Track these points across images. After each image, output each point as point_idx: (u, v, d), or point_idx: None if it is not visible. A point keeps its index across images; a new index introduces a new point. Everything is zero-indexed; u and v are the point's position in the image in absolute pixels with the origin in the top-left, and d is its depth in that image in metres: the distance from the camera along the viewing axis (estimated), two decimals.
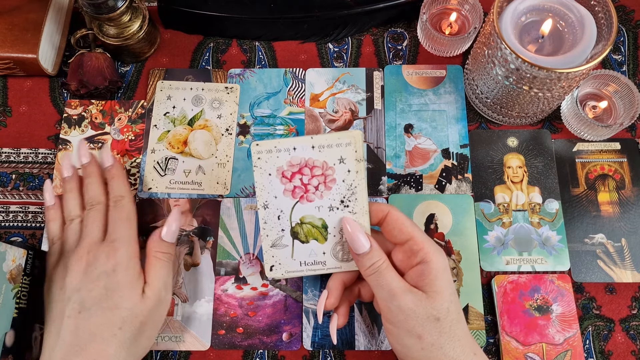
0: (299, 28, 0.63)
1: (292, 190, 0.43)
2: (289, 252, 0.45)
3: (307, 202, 0.43)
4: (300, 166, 0.43)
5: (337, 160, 0.42)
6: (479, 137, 0.59)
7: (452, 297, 0.41)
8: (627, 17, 0.64)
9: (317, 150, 0.42)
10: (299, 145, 0.42)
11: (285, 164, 0.43)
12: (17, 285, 0.51)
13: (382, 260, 0.42)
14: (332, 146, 0.42)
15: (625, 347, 0.52)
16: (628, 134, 0.59)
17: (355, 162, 0.42)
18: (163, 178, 0.57)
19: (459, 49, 0.61)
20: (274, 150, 0.42)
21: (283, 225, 0.44)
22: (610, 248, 0.54)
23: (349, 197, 0.43)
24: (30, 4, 0.60)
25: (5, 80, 0.62)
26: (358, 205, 0.43)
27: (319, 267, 0.45)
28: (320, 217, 0.44)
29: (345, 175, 0.43)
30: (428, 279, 0.40)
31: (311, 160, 0.42)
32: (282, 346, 0.52)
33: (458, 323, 0.41)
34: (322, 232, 0.44)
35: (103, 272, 0.44)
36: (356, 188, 0.43)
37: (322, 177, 0.43)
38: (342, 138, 0.42)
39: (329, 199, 0.43)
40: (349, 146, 0.42)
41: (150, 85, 0.61)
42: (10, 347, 0.48)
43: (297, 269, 0.45)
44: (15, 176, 0.58)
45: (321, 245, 0.44)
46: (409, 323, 0.40)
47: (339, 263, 0.45)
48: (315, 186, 0.43)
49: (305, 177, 0.43)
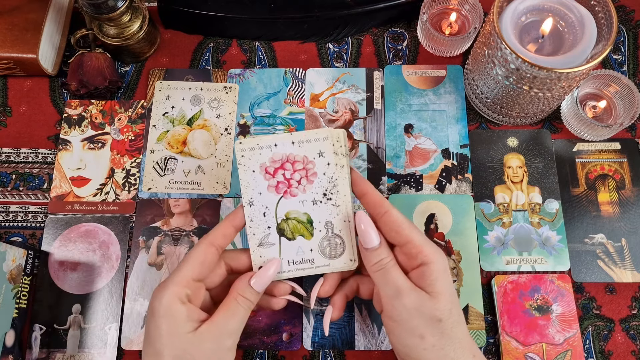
0: (299, 28, 0.63)
1: (276, 185, 0.44)
2: (277, 251, 0.45)
3: (291, 197, 0.45)
4: (282, 161, 0.44)
5: (316, 154, 0.44)
6: (479, 137, 0.59)
7: (453, 298, 0.41)
8: (627, 17, 0.64)
9: (297, 145, 0.44)
10: (280, 142, 0.44)
11: (268, 160, 0.44)
12: (17, 285, 0.51)
13: (389, 258, 0.42)
14: (310, 141, 0.44)
15: (625, 347, 0.52)
16: (628, 134, 0.59)
17: (333, 155, 0.44)
18: (162, 178, 0.57)
19: (459, 49, 0.61)
20: (256, 147, 0.44)
21: (269, 222, 0.45)
22: (610, 248, 0.54)
23: (330, 190, 0.44)
24: (30, 4, 0.60)
25: (5, 80, 0.62)
26: (340, 197, 0.44)
27: (307, 265, 0.45)
28: (304, 211, 0.45)
29: (326, 168, 0.44)
30: (429, 280, 0.40)
31: (292, 155, 0.44)
32: (282, 346, 0.52)
33: (459, 325, 0.41)
34: (307, 227, 0.45)
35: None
36: (337, 180, 0.44)
37: (304, 172, 0.44)
38: (320, 133, 0.44)
39: (311, 192, 0.45)
40: (326, 140, 0.44)
41: (150, 85, 0.61)
42: (10, 347, 0.48)
43: (286, 269, 0.45)
44: (15, 176, 0.58)
45: (308, 242, 0.45)
46: (413, 322, 0.40)
47: (327, 260, 0.45)
48: (298, 180, 0.44)
49: (287, 172, 0.44)
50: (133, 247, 0.55)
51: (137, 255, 0.55)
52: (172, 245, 0.55)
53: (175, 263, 0.54)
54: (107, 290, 0.54)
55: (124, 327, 0.52)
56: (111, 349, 0.52)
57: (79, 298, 0.53)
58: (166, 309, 0.39)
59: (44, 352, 0.52)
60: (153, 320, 0.39)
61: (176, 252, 0.55)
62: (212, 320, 0.41)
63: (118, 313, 0.53)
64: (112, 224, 0.56)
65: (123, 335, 0.52)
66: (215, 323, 0.40)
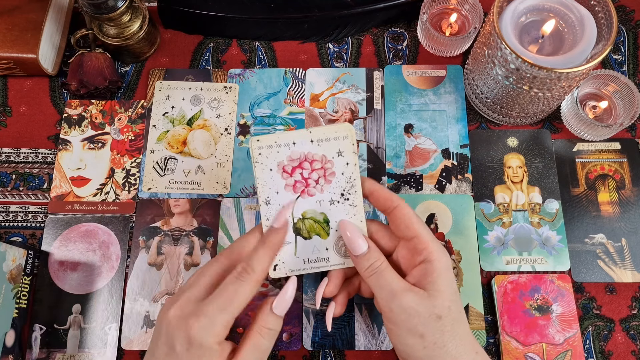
0: (299, 28, 0.63)
1: (293, 185, 0.43)
2: (292, 250, 0.45)
3: (308, 197, 0.44)
4: (300, 160, 0.43)
5: (335, 153, 0.43)
6: (479, 137, 0.59)
7: (454, 297, 0.41)
8: (627, 17, 0.64)
9: (316, 144, 0.43)
10: (298, 140, 0.43)
11: (286, 158, 0.43)
12: (17, 285, 0.51)
13: (380, 261, 0.42)
14: (330, 140, 0.43)
15: (625, 347, 0.52)
16: (628, 134, 0.59)
17: (352, 154, 0.43)
18: (162, 178, 0.57)
19: (459, 49, 0.61)
20: (274, 145, 0.43)
21: None
22: (610, 248, 0.54)
23: (348, 190, 0.44)
24: (30, 4, 0.60)
25: (5, 80, 0.62)
26: (357, 198, 0.44)
27: (322, 264, 0.45)
28: (321, 211, 0.44)
29: (344, 168, 0.43)
30: (431, 278, 0.41)
31: (310, 154, 0.43)
32: (282, 346, 0.52)
33: (460, 322, 0.41)
34: (324, 227, 0.44)
35: None
36: (355, 181, 0.43)
37: (322, 171, 0.43)
38: (339, 131, 0.43)
39: (329, 192, 0.44)
40: (346, 139, 0.43)
41: (150, 85, 0.61)
42: (10, 347, 0.48)
43: (301, 267, 0.45)
44: (15, 176, 0.58)
45: (324, 241, 0.45)
46: (411, 322, 0.40)
47: (342, 259, 0.45)
48: (316, 180, 0.43)
49: (305, 171, 0.43)
50: (133, 247, 0.55)
51: (137, 255, 0.55)
52: (172, 245, 0.55)
53: (175, 263, 0.54)
54: (107, 290, 0.54)
55: (124, 327, 0.52)
56: (111, 349, 0.52)
57: (79, 298, 0.53)
58: (205, 347, 0.37)
59: (44, 352, 0.52)
60: (187, 354, 0.37)
61: (176, 252, 0.55)
62: (238, 358, 0.39)
63: (118, 313, 0.53)
64: (112, 224, 0.56)
65: (123, 335, 0.52)
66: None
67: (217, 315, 0.37)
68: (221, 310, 0.38)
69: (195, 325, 0.37)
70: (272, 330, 0.41)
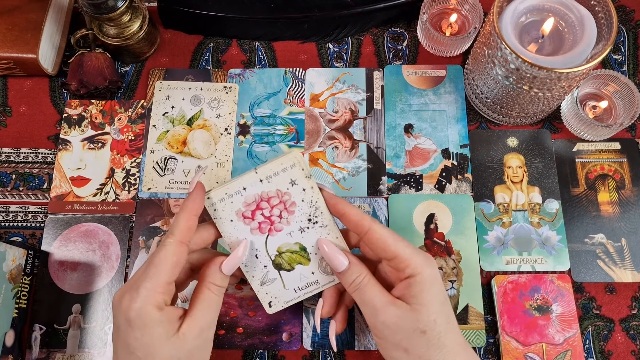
0: (299, 28, 0.63)
1: (258, 227, 0.43)
2: (280, 285, 0.45)
3: (277, 233, 0.43)
4: (257, 202, 0.42)
5: (288, 184, 0.42)
6: (479, 137, 0.59)
7: (440, 308, 0.40)
8: (627, 17, 0.64)
9: (266, 182, 0.42)
10: (248, 184, 0.42)
11: (242, 205, 0.42)
12: (17, 285, 0.51)
13: (362, 276, 0.41)
14: (278, 173, 0.42)
15: (625, 347, 0.52)
16: (628, 134, 0.59)
17: (305, 179, 0.42)
18: (162, 178, 0.57)
19: (459, 49, 0.61)
20: (226, 197, 0.42)
21: (264, 261, 0.44)
22: (610, 248, 0.54)
23: (314, 213, 0.43)
24: (30, 4, 0.60)
25: (5, 80, 0.62)
26: (325, 217, 0.43)
27: (313, 287, 0.46)
28: (295, 241, 0.44)
29: (302, 194, 0.43)
30: (414, 292, 0.40)
31: (264, 193, 0.42)
32: (282, 346, 0.52)
33: (447, 333, 0.40)
34: (303, 254, 0.44)
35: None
36: (317, 202, 0.43)
37: (282, 205, 0.43)
38: (285, 162, 0.42)
39: (296, 222, 0.43)
40: (294, 167, 0.42)
41: (150, 85, 0.61)
42: (10, 347, 0.48)
43: (294, 297, 0.46)
44: (15, 176, 0.58)
45: (307, 267, 0.45)
46: (395, 337, 0.40)
47: (331, 277, 0.45)
48: (279, 215, 0.43)
49: (265, 210, 0.43)
50: (133, 247, 0.55)
51: (137, 255, 0.55)
52: None
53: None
54: (107, 290, 0.54)
55: None
56: (111, 349, 0.52)
57: (79, 298, 0.53)
58: (146, 318, 0.37)
59: (44, 352, 0.52)
60: (131, 331, 0.37)
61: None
62: (191, 316, 0.40)
63: None
64: (112, 224, 0.56)
65: None
66: (194, 319, 0.40)
67: (144, 283, 0.38)
68: (148, 278, 0.38)
69: (127, 298, 0.38)
70: (220, 286, 0.41)
